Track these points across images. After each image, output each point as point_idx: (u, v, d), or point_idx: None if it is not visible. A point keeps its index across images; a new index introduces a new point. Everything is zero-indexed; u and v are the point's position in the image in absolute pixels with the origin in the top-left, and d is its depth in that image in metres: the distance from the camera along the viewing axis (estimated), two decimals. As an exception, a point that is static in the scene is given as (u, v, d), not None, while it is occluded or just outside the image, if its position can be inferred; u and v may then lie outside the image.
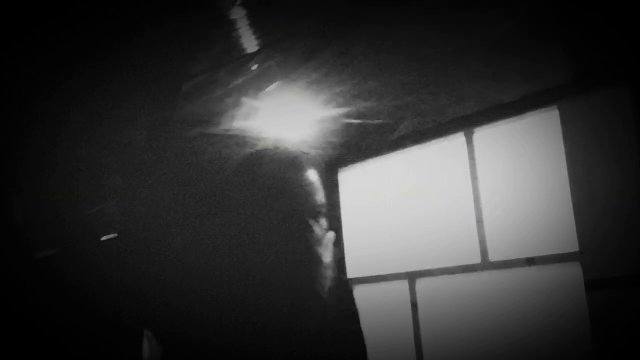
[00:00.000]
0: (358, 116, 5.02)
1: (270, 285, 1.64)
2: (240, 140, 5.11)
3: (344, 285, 1.85)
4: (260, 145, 5.17)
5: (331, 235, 1.91)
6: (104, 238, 4.59)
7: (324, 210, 2.10)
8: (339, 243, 4.25)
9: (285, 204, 1.89)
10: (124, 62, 4.36)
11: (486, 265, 4.38)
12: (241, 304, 1.67)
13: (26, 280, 5.45)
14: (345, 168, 5.50)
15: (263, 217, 1.84)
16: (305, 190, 1.95)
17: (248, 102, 4.73)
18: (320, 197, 1.91)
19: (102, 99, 4.68)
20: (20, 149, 5.33)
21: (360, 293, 5.17)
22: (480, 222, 4.45)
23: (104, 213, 4.74)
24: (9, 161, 5.48)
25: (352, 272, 5.23)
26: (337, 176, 5.52)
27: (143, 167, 4.40)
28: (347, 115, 4.99)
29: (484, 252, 4.43)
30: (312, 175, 1.96)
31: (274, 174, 1.98)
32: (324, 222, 1.92)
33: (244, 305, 1.66)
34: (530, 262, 4.16)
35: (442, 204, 4.78)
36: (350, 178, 5.51)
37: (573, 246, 3.95)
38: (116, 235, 4.50)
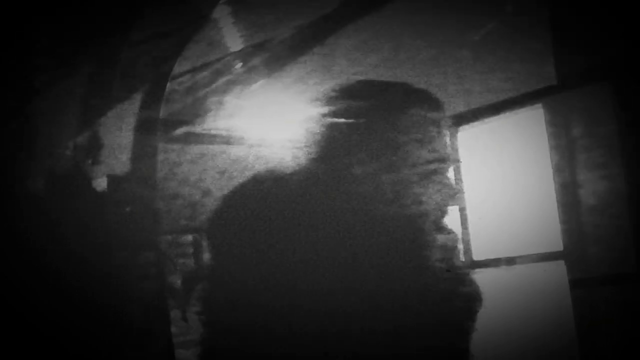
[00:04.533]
0: (342, 115, 5.01)
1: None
2: (224, 139, 5.15)
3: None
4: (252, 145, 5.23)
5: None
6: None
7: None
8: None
9: None
10: (109, 61, 4.39)
11: (469, 264, 4.39)
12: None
13: (26, 280, 5.43)
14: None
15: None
16: None
17: (232, 101, 4.75)
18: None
19: (89, 102, 4.71)
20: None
21: None
22: (464, 220, 4.52)
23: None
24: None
25: None
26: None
27: (129, 168, 4.42)
28: (332, 114, 4.97)
29: (467, 250, 4.52)
30: None
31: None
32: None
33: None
34: (520, 260, 4.22)
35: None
36: None
37: (557, 245, 3.99)
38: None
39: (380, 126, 1.72)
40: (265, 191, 1.95)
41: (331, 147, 1.77)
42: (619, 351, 3.61)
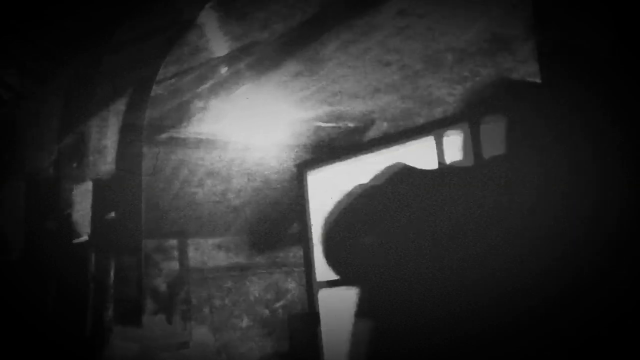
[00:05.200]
0: (327, 119, 5.11)
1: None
2: (210, 144, 5.16)
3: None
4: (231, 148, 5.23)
5: None
6: (76, 241, 4.61)
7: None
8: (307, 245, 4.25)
9: None
10: (93, 67, 4.37)
11: None
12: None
13: (25, 280, 5.43)
14: (315, 170, 5.43)
15: None
16: None
17: (218, 105, 4.76)
18: None
19: (72, 107, 4.68)
20: None
21: (330, 295, 5.21)
22: None
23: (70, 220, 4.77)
24: None
25: (321, 275, 5.29)
26: (306, 178, 5.48)
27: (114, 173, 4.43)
28: (317, 118, 5.07)
29: None
30: None
31: None
32: None
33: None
34: None
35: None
36: (320, 180, 5.47)
37: None
38: (86, 239, 4.51)
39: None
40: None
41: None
42: None
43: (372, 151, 4.97)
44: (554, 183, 2.68)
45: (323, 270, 5.28)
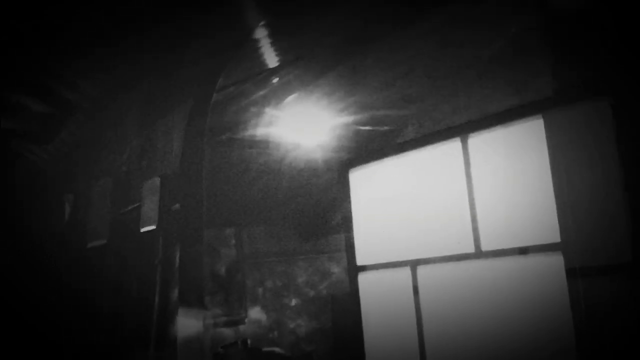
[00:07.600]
0: (366, 123, 5.48)
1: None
2: (263, 145, 5.64)
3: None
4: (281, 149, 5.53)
5: None
6: (143, 229, 4.99)
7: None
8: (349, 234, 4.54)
9: None
10: (165, 80, 4.76)
11: (478, 254, 4.80)
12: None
13: (28, 282, 5.84)
14: (355, 168, 5.87)
15: None
16: None
17: (270, 111, 5.17)
18: None
19: (145, 112, 5.07)
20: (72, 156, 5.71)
21: (367, 278, 5.63)
22: (473, 216, 4.84)
23: (141, 211, 5.17)
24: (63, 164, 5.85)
25: (360, 260, 5.72)
26: (348, 175, 5.93)
27: (179, 170, 4.81)
28: (357, 123, 5.45)
29: (477, 242, 4.81)
30: None
31: None
32: None
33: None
34: (522, 251, 4.50)
35: (440, 199, 5.12)
36: (360, 177, 5.89)
37: (555, 237, 4.29)
38: (154, 227, 4.90)
39: None
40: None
41: None
42: (616, 337, 3.87)
43: (405, 151, 5.37)
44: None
45: (362, 255, 5.77)
